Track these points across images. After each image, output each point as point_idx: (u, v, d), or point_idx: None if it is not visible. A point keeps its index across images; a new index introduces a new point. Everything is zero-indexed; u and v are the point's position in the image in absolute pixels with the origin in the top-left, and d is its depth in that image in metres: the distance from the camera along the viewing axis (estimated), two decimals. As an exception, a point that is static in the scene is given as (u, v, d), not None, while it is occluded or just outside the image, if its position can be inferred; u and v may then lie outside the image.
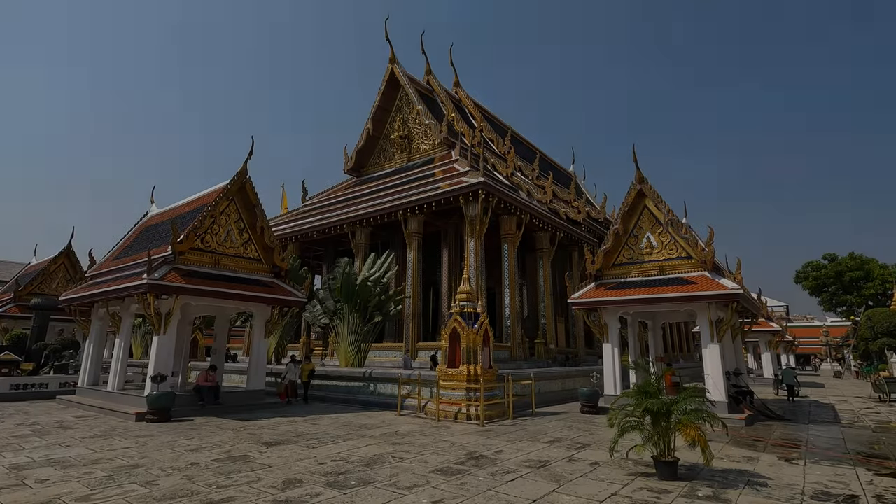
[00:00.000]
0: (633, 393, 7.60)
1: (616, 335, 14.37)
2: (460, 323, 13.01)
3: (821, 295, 43.11)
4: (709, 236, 13.00)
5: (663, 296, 12.92)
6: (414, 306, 21.44)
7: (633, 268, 14.33)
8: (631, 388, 7.87)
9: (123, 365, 14.07)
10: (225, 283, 13.44)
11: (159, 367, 12.45)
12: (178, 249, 12.90)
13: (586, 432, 10.87)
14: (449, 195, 20.78)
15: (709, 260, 12.88)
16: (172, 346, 13.07)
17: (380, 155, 31.13)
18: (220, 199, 13.83)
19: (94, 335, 15.80)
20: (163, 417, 11.77)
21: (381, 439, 9.68)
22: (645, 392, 7.50)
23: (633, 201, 14.31)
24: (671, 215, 13.58)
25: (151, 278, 12.08)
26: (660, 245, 14.00)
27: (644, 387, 7.54)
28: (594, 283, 14.71)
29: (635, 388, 7.65)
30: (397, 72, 29.51)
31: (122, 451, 8.46)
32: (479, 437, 10.08)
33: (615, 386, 14.12)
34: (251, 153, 14.34)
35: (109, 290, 13.44)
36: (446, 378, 12.88)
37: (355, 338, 17.74)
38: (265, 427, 11.07)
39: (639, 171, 14.16)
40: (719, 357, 12.66)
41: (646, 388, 7.48)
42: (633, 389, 7.73)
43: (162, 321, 12.62)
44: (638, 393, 7.54)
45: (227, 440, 9.47)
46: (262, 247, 14.81)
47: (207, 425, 11.29)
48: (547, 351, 23.45)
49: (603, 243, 14.66)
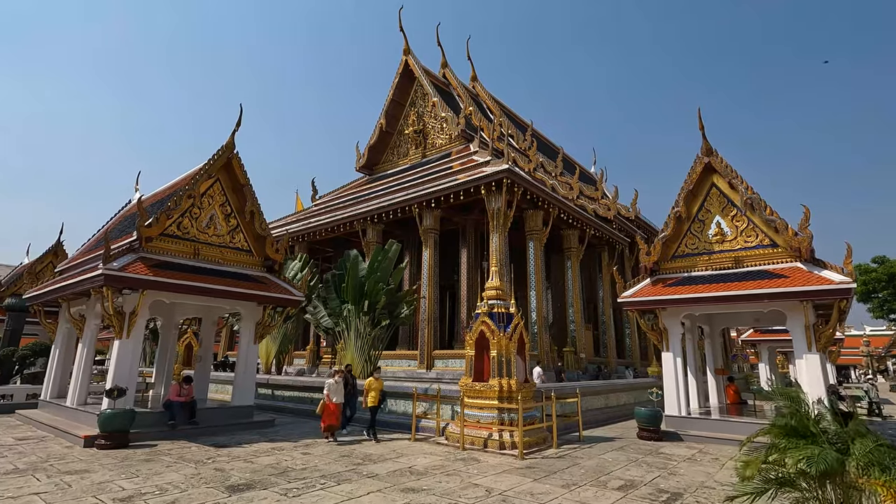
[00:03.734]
0: (777, 431, 4.70)
1: (678, 341, 11.40)
2: (489, 326, 10.16)
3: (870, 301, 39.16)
4: (803, 218, 10.03)
5: (744, 293, 9.95)
6: (430, 310, 18.61)
7: (698, 259, 11.39)
8: (774, 420, 4.95)
9: (86, 375, 11.44)
10: (205, 276, 10.78)
11: (119, 379, 9.77)
12: (146, 234, 10.28)
13: (662, 469, 7.91)
14: (469, 186, 18.03)
15: (804, 248, 9.91)
16: (138, 352, 10.40)
17: (393, 151, 28.56)
18: (200, 178, 11.22)
19: (60, 339, 13.23)
20: (118, 442, 9.05)
21: (388, 482, 6.84)
22: (793, 430, 4.60)
23: (699, 178, 11.41)
24: (750, 193, 10.64)
25: (108, 268, 9.44)
26: (734, 231, 11.05)
27: (795, 423, 4.62)
28: (650, 279, 11.79)
29: (781, 425, 4.74)
30: (412, 63, 27.03)
31: (28, 499, 5.76)
32: (523, 478, 7.19)
33: (679, 405, 11.12)
34: (239, 123, 11.75)
35: (65, 286, 10.86)
36: (473, 394, 10.01)
37: (363, 344, 14.95)
38: (241, 458, 8.29)
39: (706, 142, 11.27)
40: (821, 371, 9.63)
41: (798, 425, 4.55)
42: (777, 424, 4.80)
43: (125, 322, 9.97)
44: (784, 431, 4.65)
45: (180, 481, 6.71)
46: (252, 235, 12.15)
47: (169, 454, 8.55)
48: (577, 360, 20.40)
49: (661, 230, 11.75)
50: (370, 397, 10.52)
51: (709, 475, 7.61)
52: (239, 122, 11.72)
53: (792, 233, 10.07)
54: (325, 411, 10.32)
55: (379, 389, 10.68)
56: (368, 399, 10.54)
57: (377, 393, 10.62)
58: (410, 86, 27.50)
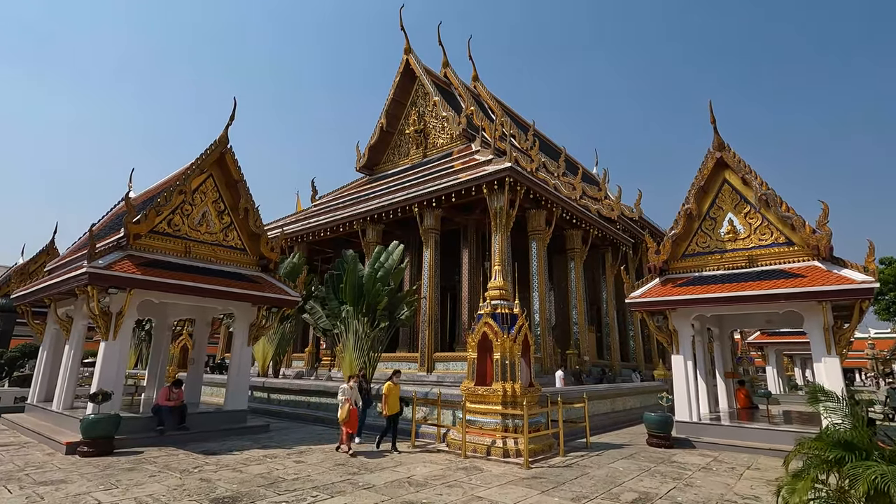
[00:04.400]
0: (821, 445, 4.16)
1: (689, 344, 10.88)
2: (492, 327, 9.65)
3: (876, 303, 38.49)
4: (822, 214, 9.52)
5: (761, 293, 9.43)
6: (430, 311, 18.11)
7: (709, 259, 10.88)
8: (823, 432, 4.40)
9: (73, 378, 10.94)
10: (197, 275, 10.28)
11: (104, 382, 9.27)
12: (134, 231, 9.79)
13: (677, 480, 7.38)
14: (471, 184, 17.56)
15: (823, 246, 9.40)
16: (125, 354, 9.91)
17: (394, 151, 28.09)
18: (192, 173, 10.74)
19: (48, 341, 12.72)
20: (101, 449, 8.55)
21: (385, 494, 6.32)
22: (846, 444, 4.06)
23: (710, 174, 10.90)
24: (765, 189, 10.14)
25: (93, 266, 8.95)
26: (747, 229, 10.54)
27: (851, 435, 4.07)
28: (658, 279, 11.27)
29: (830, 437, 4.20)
30: (412, 62, 26.60)
31: (-16, 516, 5.26)
32: (529, 489, 6.66)
33: (691, 410, 10.59)
34: (233, 117, 11.26)
35: (50, 285, 10.36)
36: (475, 399, 9.49)
37: (361, 346, 14.42)
38: (230, 466, 7.77)
39: (717, 136, 10.77)
40: (841, 375, 9.11)
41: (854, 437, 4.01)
42: (824, 437, 4.26)
43: (111, 322, 9.48)
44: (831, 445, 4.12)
45: (162, 493, 6.20)
46: (246, 233, 11.66)
47: (155, 462, 8.04)
48: (581, 363, 19.87)
49: (671, 228, 11.24)
50: (389, 404, 9.42)
51: (728, 487, 7.08)
52: (233, 115, 11.24)
53: (810, 230, 9.56)
54: (350, 417, 9.05)
55: (393, 396, 9.57)
56: (387, 406, 9.42)
57: (397, 399, 9.63)
58: (411, 85, 27.07)
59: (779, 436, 9.56)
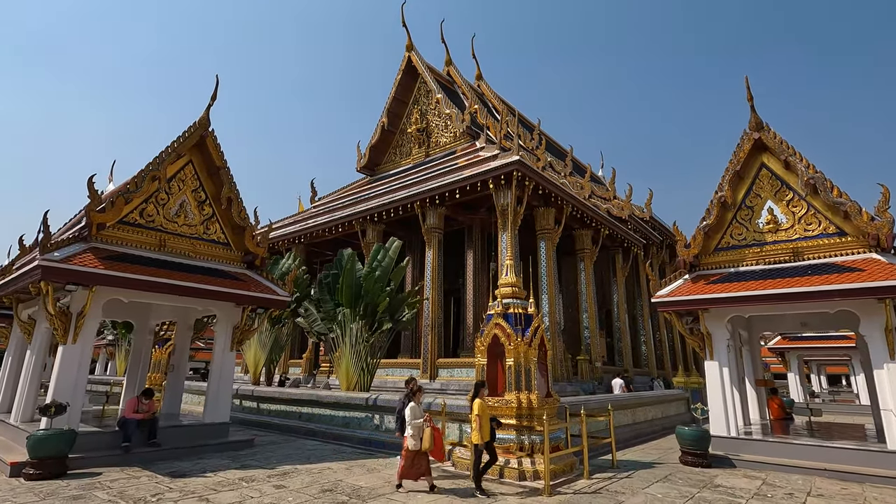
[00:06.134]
0: None
1: (724, 348, 9.53)
2: (504, 329, 8.32)
3: None
4: (882, 199, 8.20)
5: (812, 290, 8.09)
6: (433, 315, 16.80)
7: (747, 252, 9.55)
8: None
9: (33, 387, 9.61)
10: (172, 271, 9.00)
11: (60, 393, 7.96)
12: (98, 220, 8.53)
13: (732, 514, 6.01)
14: (477, 180, 16.35)
15: (883, 235, 8.07)
16: (87, 360, 8.59)
17: (396, 151, 26.92)
18: (168, 157, 9.49)
19: (14, 346, 11.45)
20: (51, 471, 7.22)
21: (378, 536, 4.98)
22: None
23: (747, 158, 9.60)
24: (812, 172, 8.83)
25: (46, 258, 7.69)
26: (790, 219, 9.22)
27: None
28: (689, 276, 9.94)
29: None
30: (415, 59, 25.49)
31: None
32: (557, 528, 5.31)
33: (728, 423, 9.20)
34: (214, 97, 10.04)
35: (5, 283, 9.10)
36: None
37: (359, 351, 13.09)
38: (197, 493, 6.43)
39: (755, 115, 9.48)
40: (909, 383, 7.74)
41: None
42: None
43: (70, 324, 8.19)
44: None
45: (98, 535, 4.88)
46: (229, 226, 10.39)
47: (110, 487, 6.70)
48: (592, 370, 18.49)
49: (702, 219, 9.92)
50: (483, 427, 6.68)
51: (798, 522, 5.72)
52: (214, 94, 10.01)
53: (867, 217, 8.23)
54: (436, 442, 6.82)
55: (488, 414, 7.01)
56: (477, 432, 6.66)
57: (488, 421, 6.93)
58: (413, 83, 25.96)
59: (836, 454, 8.19)
